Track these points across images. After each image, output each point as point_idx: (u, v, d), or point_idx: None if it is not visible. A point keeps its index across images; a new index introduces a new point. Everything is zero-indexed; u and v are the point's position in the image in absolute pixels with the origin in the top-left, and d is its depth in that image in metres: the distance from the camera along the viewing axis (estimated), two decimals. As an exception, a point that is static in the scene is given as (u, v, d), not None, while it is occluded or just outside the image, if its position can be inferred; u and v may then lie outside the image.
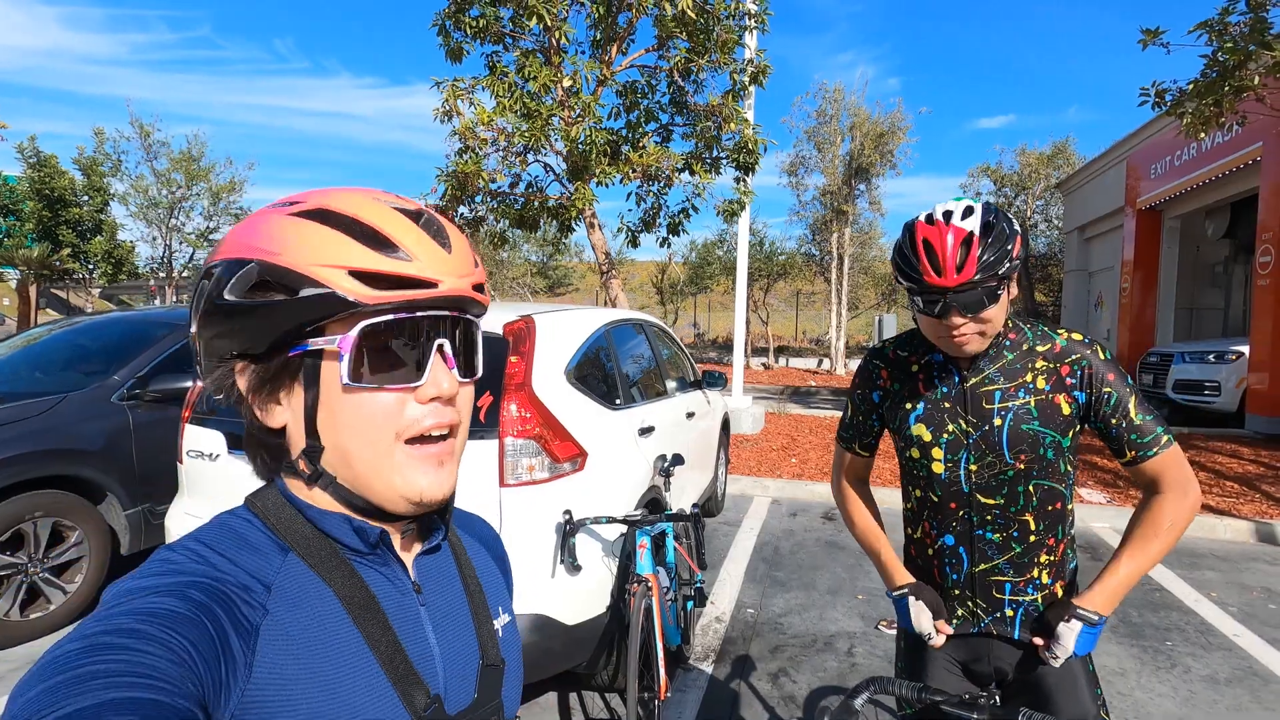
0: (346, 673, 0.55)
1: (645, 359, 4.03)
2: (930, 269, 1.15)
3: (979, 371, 1.30)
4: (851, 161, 18.42)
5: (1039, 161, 21.13)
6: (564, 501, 2.38)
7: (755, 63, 7.61)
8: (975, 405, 1.29)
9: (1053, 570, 1.32)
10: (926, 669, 1.41)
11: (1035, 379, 1.27)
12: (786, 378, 18.15)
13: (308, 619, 0.55)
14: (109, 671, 0.41)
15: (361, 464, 0.58)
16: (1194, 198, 11.51)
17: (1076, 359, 1.26)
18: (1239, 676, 3.18)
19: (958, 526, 1.33)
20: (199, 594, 0.50)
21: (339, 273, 0.54)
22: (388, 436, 0.57)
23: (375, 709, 0.56)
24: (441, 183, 7.33)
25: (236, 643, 0.50)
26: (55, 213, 20.72)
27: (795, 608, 3.87)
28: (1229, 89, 5.68)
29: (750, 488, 6.51)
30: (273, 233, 0.56)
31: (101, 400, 3.80)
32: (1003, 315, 1.22)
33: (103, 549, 3.67)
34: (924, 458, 1.34)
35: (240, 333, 0.56)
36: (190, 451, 2.66)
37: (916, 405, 1.35)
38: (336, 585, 0.58)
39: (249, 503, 0.61)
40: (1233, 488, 6.35)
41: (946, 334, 1.21)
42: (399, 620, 0.61)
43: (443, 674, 0.63)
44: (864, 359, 1.48)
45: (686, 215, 8.20)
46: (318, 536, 0.59)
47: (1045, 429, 1.26)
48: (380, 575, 0.62)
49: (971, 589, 1.34)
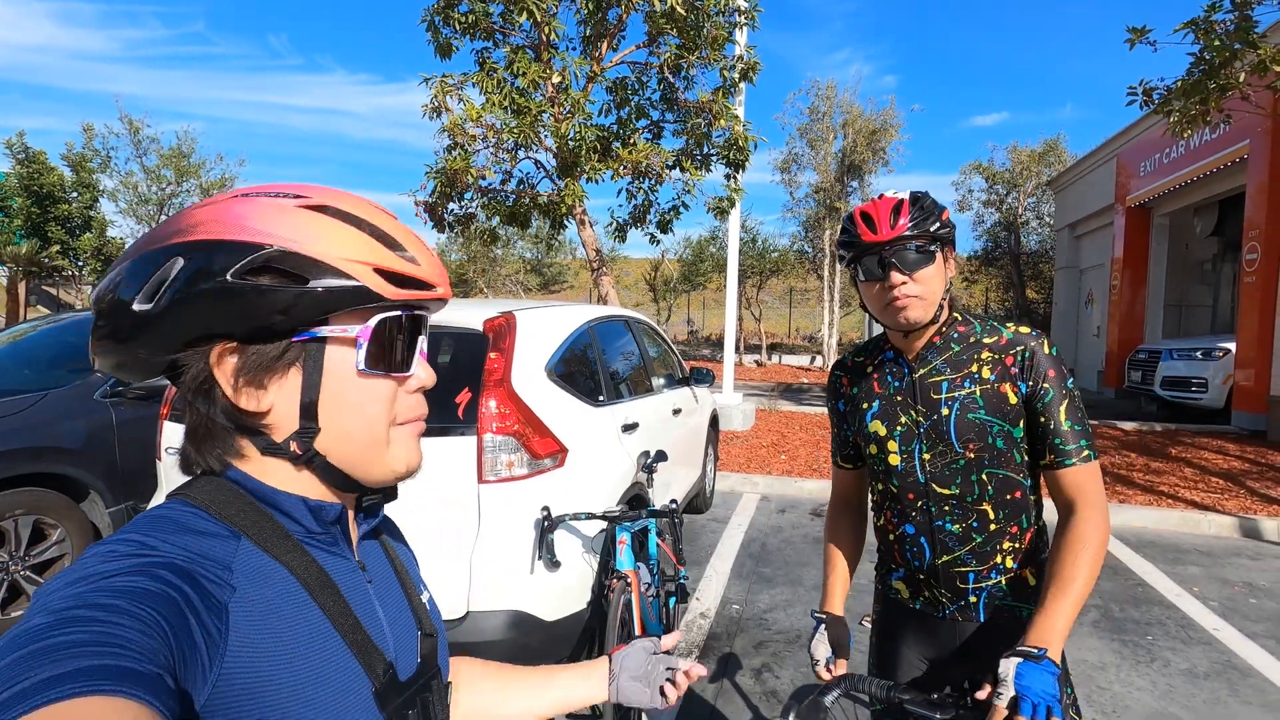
0: (315, 646, 0.57)
1: (631, 356, 4.03)
2: (866, 229, 1.26)
3: (927, 363, 1.34)
4: (844, 159, 18.44)
5: (1030, 159, 21.20)
6: (543, 498, 2.38)
7: (745, 59, 7.61)
8: (924, 395, 1.33)
9: (1017, 555, 1.32)
10: (898, 666, 1.43)
11: (980, 369, 1.29)
12: (779, 375, 18.18)
13: (273, 596, 0.57)
14: (81, 642, 0.41)
15: (362, 443, 0.62)
16: (1182, 195, 11.57)
17: (1021, 349, 1.28)
18: (1218, 670, 3.20)
19: (917, 516, 1.36)
20: (167, 573, 0.49)
21: (366, 269, 0.59)
22: (386, 419, 0.63)
23: (342, 679, 0.59)
24: (431, 179, 7.31)
25: (210, 619, 0.50)
26: (44, 209, 20.54)
27: (781, 604, 3.89)
28: (1215, 87, 5.70)
29: (739, 484, 6.52)
30: (290, 221, 0.58)
31: (84, 397, 3.78)
32: (940, 285, 1.27)
33: (85, 547, 3.65)
34: (881, 452, 1.38)
35: (240, 315, 0.56)
36: (169, 449, 2.65)
37: (872, 404, 1.40)
38: (291, 565, 0.59)
39: (181, 496, 0.60)
40: (1218, 483, 6.40)
41: (889, 299, 1.26)
42: (352, 597, 0.63)
43: (392, 644, 0.66)
44: (830, 372, 1.54)
45: (677, 213, 8.20)
46: (266, 520, 0.60)
47: (992, 418, 1.28)
48: (329, 555, 0.64)
49: (935, 578, 1.36)
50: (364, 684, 0.61)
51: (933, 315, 1.28)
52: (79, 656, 0.39)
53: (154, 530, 0.54)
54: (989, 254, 23.59)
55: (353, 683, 0.60)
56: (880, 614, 1.51)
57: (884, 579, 1.50)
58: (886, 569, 1.48)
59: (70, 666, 0.39)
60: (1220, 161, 9.73)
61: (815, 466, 7.10)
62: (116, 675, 0.39)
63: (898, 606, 1.45)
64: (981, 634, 1.34)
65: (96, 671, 0.39)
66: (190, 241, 0.56)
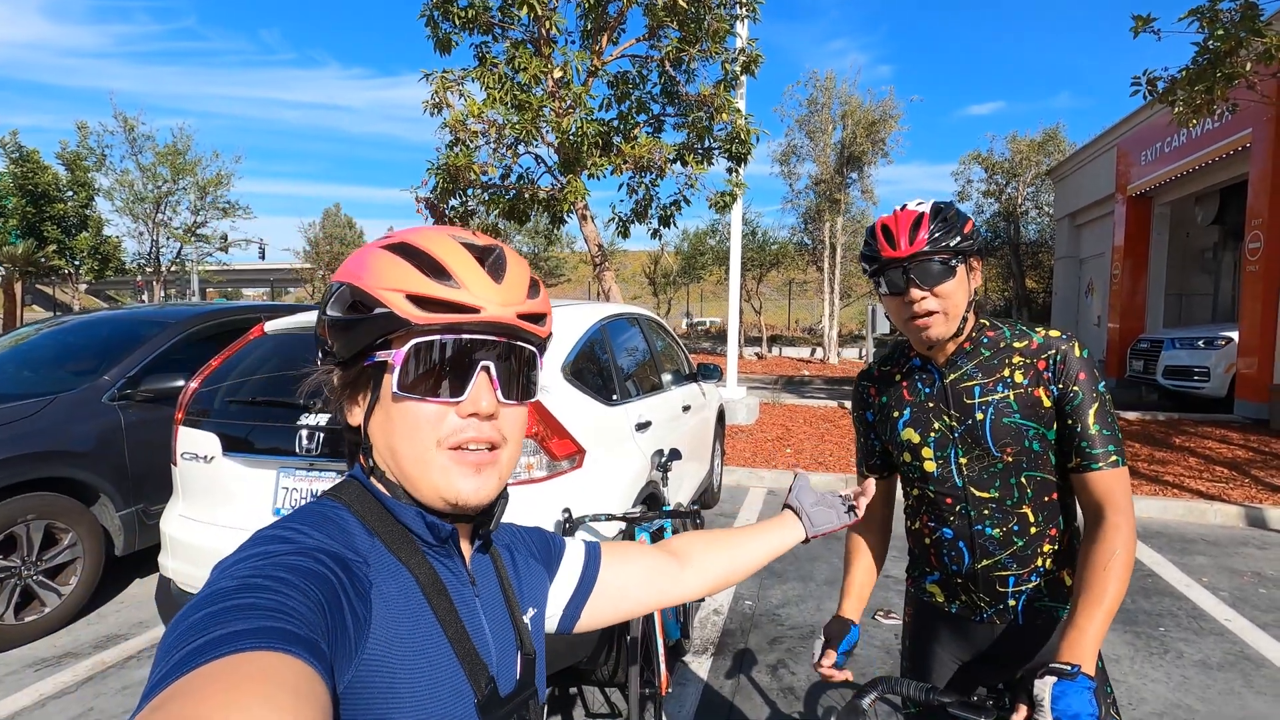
0: (429, 649, 0.61)
1: (640, 353, 4.02)
2: (886, 244, 1.27)
3: (957, 368, 1.33)
4: (843, 150, 18.40)
5: (1030, 148, 21.16)
6: (563, 499, 2.38)
7: (747, 52, 7.57)
8: (957, 400, 1.32)
9: (1057, 557, 1.32)
10: (931, 669, 1.42)
11: (1013, 374, 1.29)
12: (780, 367, 18.18)
13: (399, 593, 0.61)
14: (260, 605, 0.46)
15: (407, 463, 0.65)
16: (1184, 184, 11.56)
17: (1053, 353, 1.27)
18: (1231, 661, 3.22)
19: (955, 521, 1.34)
20: (325, 557, 0.55)
21: (398, 295, 0.63)
22: (429, 442, 0.65)
23: (450, 685, 0.62)
24: (433, 175, 7.27)
25: (359, 605, 0.55)
26: (39, 208, 20.43)
27: (793, 599, 3.89)
28: (1220, 76, 5.69)
29: (746, 479, 6.53)
30: (364, 261, 0.66)
31: (92, 401, 3.76)
32: (963, 297, 1.27)
33: (96, 551, 3.65)
34: (915, 460, 1.37)
35: (337, 342, 0.66)
36: (184, 454, 2.64)
37: (903, 412, 1.40)
38: (414, 569, 0.64)
39: (331, 495, 0.68)
40: (1222, 473, 6.42)
41: (910, 314, 1.27)
42: (461, 609, 0.67)
43: (495, 659, 0.69)
44: (855, 382, 1.54)
45: (679, 207, 8.17)
46: (396, 525, 0.66)
47: (1027, 422, 1.27)
48: (444, 566, 0.68)
49: (974, 583, 1.34)
50: (468, 693, 0.63)
51: (955, 329, 1.28)
52: (259, 618, 0.45)
53: (309, 522, 0.61)
54: (989, 244, 23.58)
55: (459, 690, 0.62)
56: (913, 617, 1.49)
57: (917, 582, 1.48)
58: (920, 572, 1.47)
59: (253, 625, 0.44)
60: (1223, 150, 9.71)
61: (821, 460, 7.11)
62: (288, 638, 0.44)
63: (932, 610, 1.44)
64: (1018, 635, 1.33)
65: (272, 633, 0.44)
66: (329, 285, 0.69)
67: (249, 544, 0.57)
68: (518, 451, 0.71)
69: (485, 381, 0.65)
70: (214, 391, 2.71)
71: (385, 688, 0.56)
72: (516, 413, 0.70)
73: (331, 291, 0.67)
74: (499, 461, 0.68)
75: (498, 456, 0.67)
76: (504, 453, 0.68)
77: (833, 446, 7.72)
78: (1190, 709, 2.82)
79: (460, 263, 0.65)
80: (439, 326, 0.63)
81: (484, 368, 0.65)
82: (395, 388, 0.63)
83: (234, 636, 0.42)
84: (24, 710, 2.78)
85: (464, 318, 0.64)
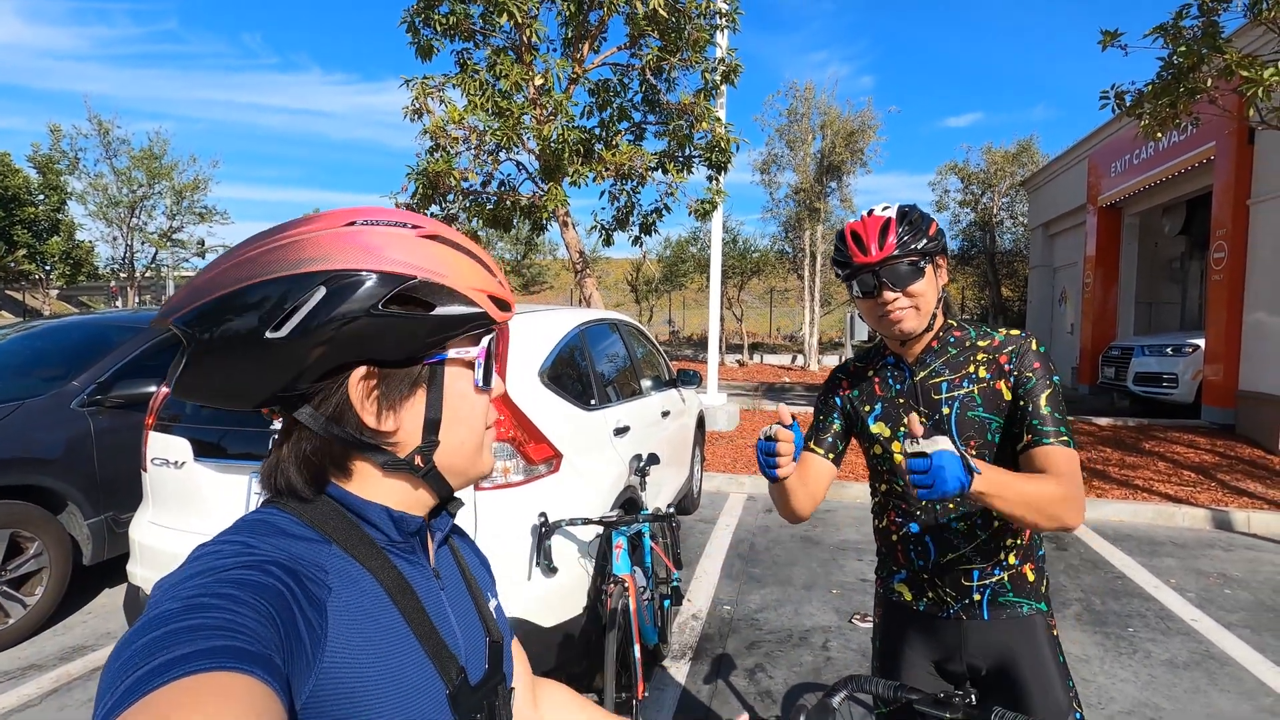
0: (396, 649, 0.60)
1: (620, 359, 4.04)
2: (857, 250, 1.33)
3: (926, 366, 1.40)
4: (823, 159, 18.60)
5: (1004, 159, 21.56)
6: (539, 504, 2.38)
7: (727, 61, 7.65)
8: (926, 396, 1.38)
9: (1019, 551, 1.37)
10: (902, 668, 1.45)
11: (977, 369, 1.36)
12: (761, 374, 18.28)
13: (360, 598, 0.60)
14: (206, 625, 0.44)
15: (468, 451, 0.68)
16: (1152, 195, 11.84)
17: (1013, 349, 1.35)
18: (1197, 660, 3.29)
19: (922, 515, 1.39)
20: (276, 569, 0.53)
21: (484, 295, 0.64)
22: (484, 428, 0.70)
23: (419, 681, 0.61)
24: (413, 181, 7.24)
25: (313, 615, 0.53)
26: (9, 212, 19.99)
27: (771, 603, 3.91)
28: (1183, 91, 5.85)
29: (725, 485, 6.55)
30: (423, 252, 0.62)
31: (61, 407, 3.69)
32: (933, 294, 1.34)
33: (63, 560, 3.57)
34: (885, 453, 1.43)
35: (386, 343, 0.60)
36: (155, 460, 2.60)
37: (874, 407, 1.45)
38: (375, 571, 0.63)
39: (274, 504, 0.64)
40: (1190, 476, 6.57)
41: (884, 313, 1.33)
42: (428, 603, 0.67)
43: (464, 650, 0.69)
44: (830, 374, 1.59)
45: (660, 215, 8.21)
46: (353, 528, 0.64)
47: (990, 415, 1.33)
48: (408, 563, 0.67)
49: (940, 577, 1.38)
50: (439, 687, 0.63)
51: (926, 323, 1.35)
52: (209, 638, 0.43)
53: (254, 533, 0.58)
54: (965, 253, 23.95)
55: (429, 685, 0.62)
56: (882, 618, 1.53)
57: (885, 582, 1.51)
58: (888, 572, 1.50)
59: (202, 645, 0.42)
60: (1188, 163, 9.97)
61: (800, 466, 7.14)
62: (241, 656, 0.43)
63: (901, 609, 1.47)
64: (984, 631, 1.37)
65: (223, 651, 0.42)
66: (330, 271, 0.57)
67: (190, 560, 0.54)
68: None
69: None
70: (186, 396, 2.68)
71: (351, 694, 0.55)
72: None
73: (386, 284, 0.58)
74: None
75: None
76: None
77: (812, 452, 7.77)
78: (1157, 707, 2.88)
79: (491, 260, 0.69)
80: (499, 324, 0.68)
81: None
82: (480, 382, 0.67)
83: (185, 659, 0.41)
84: (-15, 724, 2.71)
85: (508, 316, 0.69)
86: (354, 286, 0.57)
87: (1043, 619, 1.38)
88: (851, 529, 5.36)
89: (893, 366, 1.44)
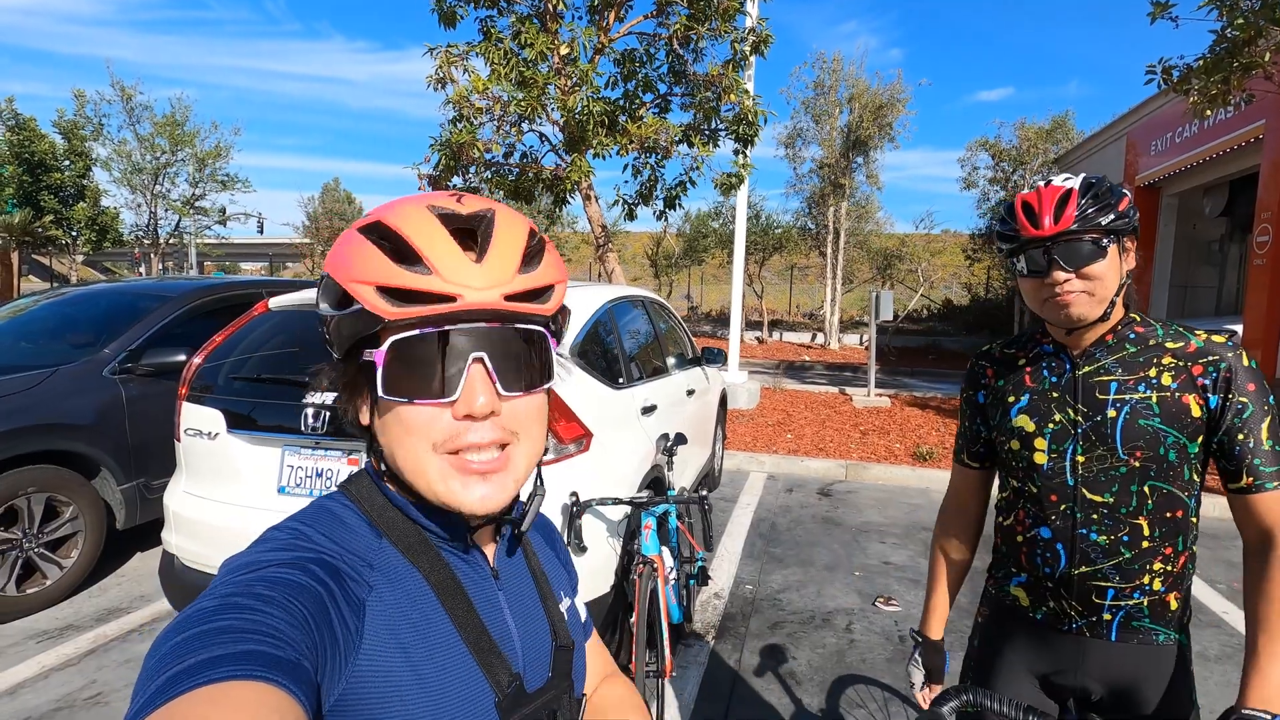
0: (439, 652, 0.58)
1: (646, 336, 4.00)
2: (1028, 222, 1.17)
3: (1094, 360, 1.22)
4: (849, 134, 18.20)
5: (1038, 136, 20.93)
6: (570, 483, 2.36)
7: (757, 31, 7.44)
8: (1087, 394, 1.21)
9: (1167, 579, 1.20)
10: (1000, 672, 1.33)
11: (1160, 375, 1.17)
12: (781, 352, 18.17)
13: (403, 598, 0.58)
14: (238, 627, 0.44)
15: (406, 469, 0.60)
16: (1193, 175, 11.46)
17: (1214, 359, 1.16)
18: (1228, 653, 3.24)
19: (1057, 520, 1.24)
20: (317, 569, 0.53)
21: (369, 289, 0.57)
22: (424, 447, 0.58)
23: (464, 686, 0.59)
24: (436, 152, 7.18)
25: (350, 616, 0.53)
26: (36, 178, 20.19)
27: (793, 584, 3.91)
28: (1237, 66, 5.60)
29: (746, 463, 6.53)
30: (341, 248, 0.60)
31: (93, 374, 3.73)
32: (1114, 278, 1.15)
33: (98, 524, 3.64)
34: (1025, 449, 1.27)
35: (327, 338, 0.62)
36: (189, 430, 2.61)
37: (1020, 398, 1.29)
38: (425, 569, 0.61)
39: (344, 489, 0.65)
40: (1222, 466, 6.43)
41: (1051, 295, 1.16)
42: (481, 604, 0.64)
43: (521, 654, 0.66)
44: (970, 361, 1.43)
45: (685, 188, 8.09)
46: (407, 523, 0.62)
47: (1168, 428, 1.16)
48: (463, 560, 0.65)
49: (1067, 589, 1.24)
50: (486, 693, 0.60)
51: (1101, 312, 1.16)
52: (238, 641, 0.43)
53: (315, 522, 0.60)
54: (993, 232, 23.43)
55: (473, 692, 0.59)
56: (988, 618, 1.39)
57: (1000, 583, 1.37)
58: (1005, 573, 1.36)
59: (230, 649, 0.42)
60: (1235, 141, 9.61)
61: (821, 446, 7.11)
62: (268, 662, 0.43)
63: (1013, 613, 1.33)
64: (1107, 653, 1.23)
65: (251, 657, 0.42)
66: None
67: (254, 543, 0.56)
68: (537, 445, 0.63)
69: (480, 375, 0.57)
70: (218, 367, 2.68)
71: (383, 698, 0.53)
72: (527, 403, 0.61)
73: (320, 282, 0.61)
74: (511, 462, 0.60)
75: (509, 456, 0.60)
76: (517, 450, 0.60)
77: (833, 433, 7.72)
78: (1188, 700, 2.84)
79: (432, 242, 0.57)
80: (415, 320, 0.56)
81: (476, 360, 0.57)
82: (380, 390, 0.57)
83: (211, 663, 0.41)
84: (27, 681, 2.79)
85: (439, 308, 0.56)
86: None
87: (1181, 652, 1.22)
88: (874, 511, 5.33)
89: (1050, 355, 1.27)
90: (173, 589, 2.64)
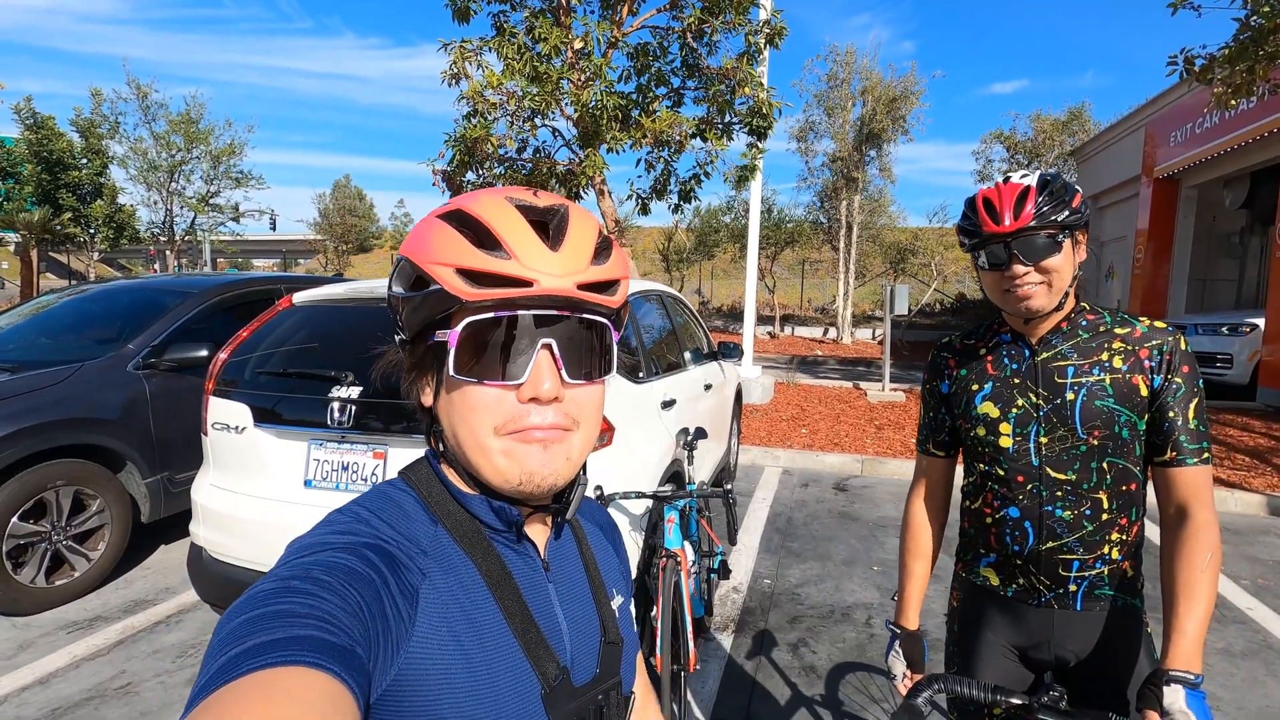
0: (489, 642, 0.59)
1: (663, 331, 3.99)
2: (989, 219, 1.24)
3: (1051, 347, 1.31)
4: (862, 127, 18.07)
5: (1053, 128, 20.69)
6: (594, 477, 2.37)
7: (771, 24, 7.39)
8: (1047, 379, 1.30)
9: (1124, 547, 1.30)
10: (981, 655, 1.40)
11: (1112, 359, 1.27)
12: (793, 347, 18.11)
13: (456, 586, 0.59)
14: (294, 611, 0.45)
15: (469, 447, 0.62)
16: (1214, 166, 11.29)
17: (1158, 344, 1.26)
18: (1254, 650, 3.21)
19: (1025, 500, 1.31)
20: (373, 555, 0.54)
21: (448, 270, 0.59)
22: (488, 428, 0.60)
23: (511, 676, 0.59)
24: (450, 147, 7.20)
25: (403, 604, 0.54)
26: (54, 176, 20.44)
27: (811, 578, 3.90)
28: (1263, 55, 5.50)
29: (761, 458, 6.53)
30: (420, 232, 0.62)
31: (117, 369, 3.78)
32: (1069, 270, 1.24)
33: (124, 517, 3.69)
34: (990, 434, 1.34)
35: (401, 320, 0.63)
36: (215, 424, 2.64)
37: (984, 385, 1.36)
38: (477, 559, 0.62)
39: (404, 475, 0.66)
40: (1244, 460, 6.36)
41: (1010, 287, 1.24)
42: (531, 596, 0.64)
43: (570, 648, 0.66)
44: (931, 353, 1.50)
45: (698, 182, 8.06)
46: (462, 513, 0.64)
47: (1121, 407, 1.25)
48: (515, 552, 0.66)
49: (1035, 564, 1.31)
50: (533, 685, 0.61)
51: (1057, 302, 1.25)
52: (294, 625, 0.44)
53: (375, 507, 0.61)
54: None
55: (521, 683, 0.60)
56: (962, 602, 1.46)
57: (970, 566, 1.44)
58: (973, 555, 1.43)
59: (286, 634, 0.43)
60: (1257, 132, 9.46)
61: (836, 441, 7.09)
62: (321, 648, 0.43)
63: (985, 593, 1.41)
64: (1074, 621, 1.32)
65: (306, 642, 0.43)
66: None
67: (319, 525, 0.58)
68: (592, 435, 0.64)
69: (547, 361, 0.59)
70: (244, 362, 2.71)
71: (433, 685, 0.54)
72: (588, 392, 0.63)
73: (395, 266, 0.64)
74: (569, 442, 0.62)
75: (568, 437, 0.62)
76: (575, 436, 0.62)
77: (848, 427, 7.69)
78: (1214, 696, 2.82)
79: (512, 229, 0.59)
80: (491, 303, 0.58)
81: (545, 346, 0.59)
82: (451, 370, 0.59)
83: (268, 647, 0.42)
84: (59, 671, 2.84)
85: (517, 292, 0.58)
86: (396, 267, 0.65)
87: (1138, 615, 1.32)
88: (890, 505, 5.31)
89: (1009, 344, 1.35)
90: (201, 581, 2.68)
